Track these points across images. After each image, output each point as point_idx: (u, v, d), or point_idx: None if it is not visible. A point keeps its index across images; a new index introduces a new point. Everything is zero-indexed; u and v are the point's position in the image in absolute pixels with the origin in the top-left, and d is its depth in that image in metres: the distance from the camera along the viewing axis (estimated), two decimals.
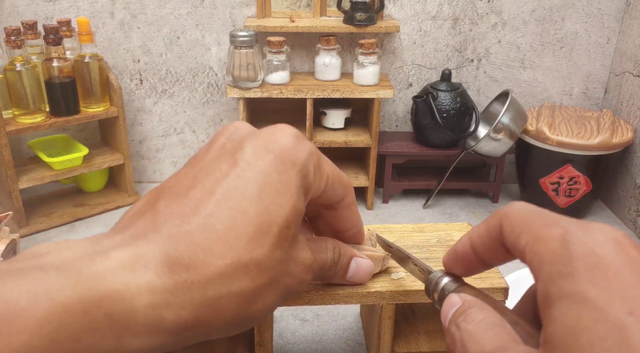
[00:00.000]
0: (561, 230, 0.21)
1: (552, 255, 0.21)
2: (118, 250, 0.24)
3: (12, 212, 1.18)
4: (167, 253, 0.25)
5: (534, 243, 0.22)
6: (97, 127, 1.67)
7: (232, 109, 1.69)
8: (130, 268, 0.24)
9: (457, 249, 0.29)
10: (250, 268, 0.27)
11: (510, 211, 0.25)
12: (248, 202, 0.27)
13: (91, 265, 0.23)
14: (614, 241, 0.20)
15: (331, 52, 1.50)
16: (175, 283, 0.24)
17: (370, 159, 1.54)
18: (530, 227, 0.23)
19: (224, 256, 0.26)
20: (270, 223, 0.27)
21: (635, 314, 0.18)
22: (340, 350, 0.86)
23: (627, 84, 1.57)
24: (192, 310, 0.25)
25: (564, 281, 0.20)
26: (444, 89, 1.52)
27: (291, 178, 0.29)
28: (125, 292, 0.23)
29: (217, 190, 0.27)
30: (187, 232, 0.26)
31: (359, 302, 0.45)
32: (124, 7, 1.55)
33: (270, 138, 0.29)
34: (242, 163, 0.28)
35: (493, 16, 1.59)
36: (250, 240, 0.27)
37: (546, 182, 1.52)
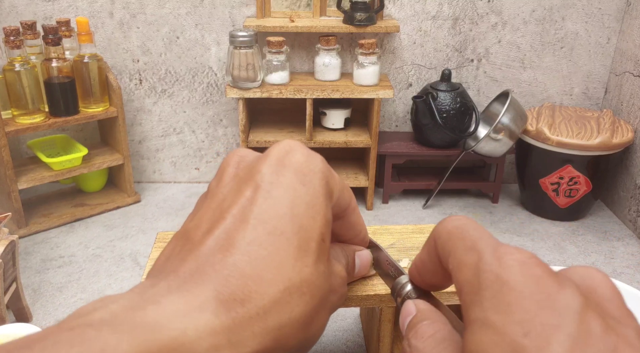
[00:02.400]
0: (475, 256, 0.22)
1: (467, 285, 0.22)
2: (168, 296, 0.24)
3: (12, 212, 1.18)
4: (219, 291, 0.25)
5: (456, 271, 0.23)
6: (96, 127, 1.67)
7: (231, 109, 1.69)
8: (185, 313, 0.23)
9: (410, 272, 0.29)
10: (304, 290, 0.26)
11: (440, 230, 0.25)
12: (283, 222, 0.27)
13: (144, 315, 0.23)
14: (519, 262, 0.20)
15: (331, 52, 1.50)
16: (234, 320, 0.24)
17: (370, 159, 1.54)
18: (454, 251, 0.24)
19: (276, 282, 0.26)
20: (308, 239, 0.27)
21: (530, 335, 0.18)
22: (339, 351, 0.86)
23: (627, 84, 1.56)
24: (255, 345, 0.24)
25: (473, 309, 0.21)
26: (444, 89, 1.52)
27: (317, 188, 0.28)
28: (185, 338, 0.22)
29: (250, 217, 0.27)
30: (233, 264, 0.25)
31: (359, 305, 0.45)
32: (123, 7, 1.55)
33: (283, 155, 0.29)
34: (265, 184, 0.27)
35: (493, 16, 1.59)
36: (296, 262, 0.26)
37: (546, 182, 1.52)
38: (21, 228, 1.42)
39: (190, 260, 0.26)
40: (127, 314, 0.22)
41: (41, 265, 1.32)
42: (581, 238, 1.49)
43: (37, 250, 1.38)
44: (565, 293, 0.19)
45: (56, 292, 1.22)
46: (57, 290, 1.23)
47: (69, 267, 1.31)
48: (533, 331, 0.18)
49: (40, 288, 1.23)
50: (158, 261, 0.28)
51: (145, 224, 1.51)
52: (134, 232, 1.47)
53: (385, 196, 1.63)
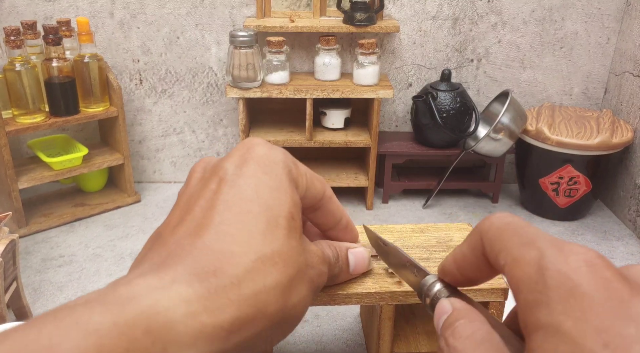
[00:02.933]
0: (536, 253, 0.21)
1: (528, 282, 0.20)
2: (141, 277, 0.24)
3: (12, 212, 1.18)
4: (191, 267, 0.25)
5: (511, 266, 0.22)
6: (96, 127, 1.67)
7: (231, 109, 1.69)
8: (158, 287, 0.24)
9: (444, 267, 0.28)
10: (276, 260, 0.27)
11: (488, 226, 0.24)
12: (249, 203, 0.28)
13: (117, 293, 0.23)
14: (587, 264, 0.19)
15: (331, 52, 1.50)
16: (208, 289, 0.24)
17: (370, 159, 1.54)
18: (508, 246, 0.22)
19: (247, 254, 0.26)
20: (276, 216, 0.28)
21: (610, 347, 0.17)
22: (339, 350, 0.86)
23: (627, 84, 1.57)
24: (233, 310, 0.25)
25: (539, 311, 0.19)
26: (444, 89, 1.52)
27: (279, 175, 0.30)
28: (159, 307, 0.23)
29: (216, 204, 0.28)
30: (203, 244, 0.26)
31: (359, 302, 0.45)
32: (124, 7, 1.55)
33: (244, 151, 0.30)
34: (229, 176, 0.29)
35: (493, 16, 1.59)
36: (264, 236, 0.27)
37: (546, 182, 1.52)
38: (21, 227, 1.42)
39: (162, 250, 0.27)
40: (100, 296, 0.23)
41: (41, 265, 1.32)
42: (581, 238, 1.49)
43: (37, 250, 1.38)
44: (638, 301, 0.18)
45: (56, 291, 1.22)
46: (58, 289, 1.23)
47: (70, 266, 1.31)
48: (612, 342, 0.17)
49: (40, 287, 1.23)
50: (134, 262, 0.29)
51: (145, 224, 1.51)
52: (134, 231, 1.47)
53: (385, 196, 1.63)
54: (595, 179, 1.49)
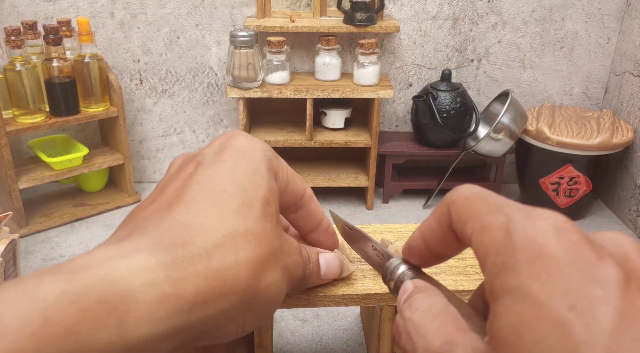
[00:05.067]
0: (504, 218, 0.20)
1: (496, 246, 0.20)
2: (100, 248, 0.23)
3: (12, 212, 1.18)
4: (157, 238, 0.24)
5: (479, 233, 0.21)
6: (97, 127, 1.67)
7: (232, 108, 1.69)
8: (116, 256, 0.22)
9: (410, 243, 0.27)
10: (249, 237, 0.26)
11: (456, 196, 0.23)
12: (223, 183, 0.27)
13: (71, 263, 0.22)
14: (555, 228, 0.19)
15: (331, 52, 1.50)
16: (173, 259, 0.23)
17: (370, 158, 1.54)
18: (476, 214, 0.22)
19: (218, 228, 0.25)
20: (251, 198, 0.27)
21: (576, 308, 0.17)
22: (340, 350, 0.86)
23: (627, 84, 1.57)
24: (198, 282, 0.23)
25: (507, 275, 0.19)
26: (444, 89, 1.52)
27: (257, 161, 0.29)
28: (115, 275, 0.21)
29: (190, 183, 0.27)
30: (173, 218, 0.25)
31: (359, 303, 0.45)
32: (124, 7, 1.55)
33: (224, 140, 0.30)
34: (206, 161, 0.28)
35: (493, 16, 1.59)
36: (238, 213, 0.26)
37: (546, 182, 1.52)
38: (22, 227, 1.42)
39: (129, 226, 0.26)
40: (54, 267, 0.22)
41: (42, 265, 1.32)
42: None
43: (37, 250, 1.38)
44: (606, 264, 0.18)
45: None
46: None
47: None
48: (578, 304, 0.17)
49: None
50: None
51: None
52: None
53: (385, 196, 1.63)
54: (595, 179, 1.49)
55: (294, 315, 0.99)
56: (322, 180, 1.58)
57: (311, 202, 0.35)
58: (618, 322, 0.17)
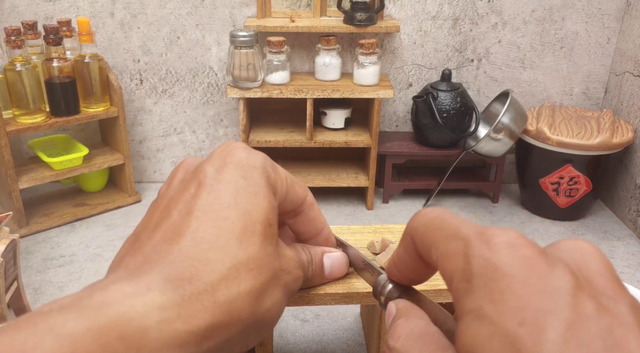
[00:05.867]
0: (462, 243, 0.21)
1: (457, 273, 0.21)
2: (116, 283, 0.25)
3: (12, 212, 1.18)
4: (166, 273, 0.25)
5: (442, 259, 0.22)
6: (97, 127, 1.67)
7: (232, 109, 1.69)
8: (132, 294, 0.24)
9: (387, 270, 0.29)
10: (251, 266, 0.27)
11: (416, 225, 0.24)
12: (226, 210, 0.28)
13: (91, 299, 0.23)
14: (508, 245, 0.20)
15: (331, 52, 1.50)
16: (182, 296, 0.25)
17: (370, 158, 1.54)
18: (436, 241, 0.23)
19: (222, 261, 0.27)
20: (253, 222, 0.28)
21: (525, 324, 0.18)
22: (340, 350, 0.86)
23: (627, 84, 1.57)
24: (207, 317, 0.25)
25: (466, 297, 0.20)
26: (444, 89, 1.52)
27: (257, 179, 0.30)
28: (133, 313, 0.23)
29: (194, 209, 0.28)
30: (179, 250, 0.26)
31: (359, 302, 0.45)
32: (124, 7, 1.55)
33: (225, 154, 0.30)
34: (208, 180, 0.29)
35: (493, 16, 1.59)
36: (241, 242, 0.28)
37: (546, 182, 1.52)
38: (22, 227, 1.42)
39: (138, 254, 0.27)
40: (75, 301, 0.23)
41: (42, 265, 1.32)
42: (581, 238, 1.49)
43: (38, 250, 1.38)
44: (556, 274, 0.18)
45: (57, 291, 1.22)
46: (58, 289, 1.23)
47: (70, 266, 1.32)
48: (527, 319, 0.18)
49: (41, 287, 1.24)
50: (112, 264, 0.29)
51: None
52: None
53: (385, 196, 1.63)
54: (595, 179, 1.49)
55: (294, 315, 0.99)
56: (322, 180, 1.58)
57: (311, 210, 0.36)
58: (566, 331, 0.17)
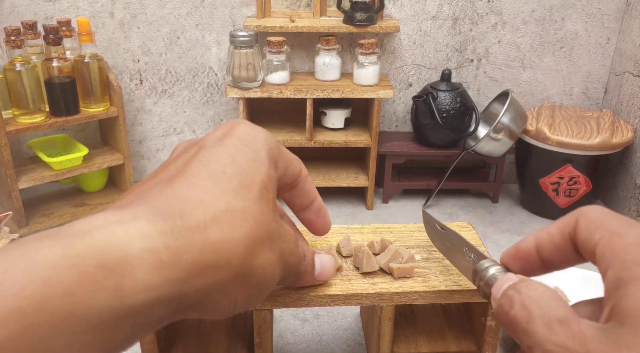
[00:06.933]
0: (639, 230, 0.23)
1: (628, 247, 0.22)
2: (100, 214, 0.24)
3: (12, 212, 1.18)
4: (156, 207, 0.24)
5: (610, 237, 0.24)
6: (97, 127, 1.67)
7: (232, 108, 1.69)
8: (115, 222, 0.23)
9: (520, 246, 0.29)
10: (246, 216, 0.27)
11: (590, 210, 0.26)
12: (224, 165, 0.28)
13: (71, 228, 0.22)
14: None
15: (331, 52, 1.50)
16: (172, 228, 0.24)
17: (370, 158, 1.54)
18: (608, 224, 0.24)
19: (217, 205, 0.26)
20: (250, 181, 0.28)
21: None
22: (340, 350, 0.86)
23: (627, 84, 1.57)
24: (195, 253, 0.24)
25: (638, 268, 0.21)
26: (444, 89, 1.52)
27: (258, 149, 0.30)
28: (113, 241, 0.22)
29: (192, 162, 0.28)
30: (172, 190, 0.26)
31: (359, 303, 0.45)
32: (124, 7, 1.55)
33: (227, 128, 0.30)
34: (208, 145, 0.29)
35: (493, 16, 1.59)
36: (236, 193, 0.27)
37: (546, 182, 1.52)
38: (22, 227, 1.42)
39: (131, 195, 0.27)
40: (53, 231, 0.22)
41: None
42: None
43: None
44: None
45: None
46: None
47: None
48: None
49: None
50: None
51: None
52: None
53: (385, 196, 1.63)
54: (595, 179, 1.49)
55: (294, 315, 0.99)
56: (322, 180, 1.58)
57: (305, 182, 0.36)
58: None
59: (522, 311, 0.24)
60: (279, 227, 0.30)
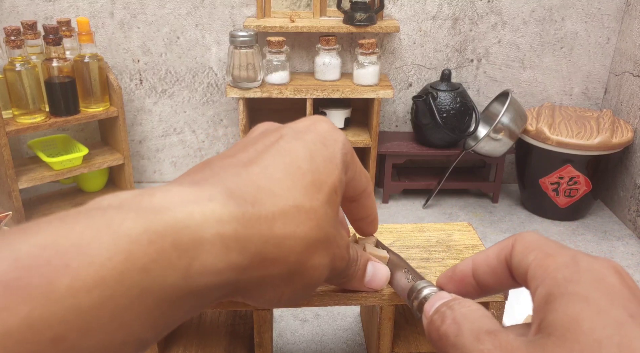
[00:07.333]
0: (571, 252, 0.24)
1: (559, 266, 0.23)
2: (178, 187, 0.24)
3: (12, 212, 1.18)
4: (231, 190, 0.25)
5: (543, 258, 0.24)
6: (97, 127, 1.67)
7: (231, 109, 1.69)
8: (193, 201, 0.23)
9: (457, 269, 0.29)
10: (311, 216, 0.27)
11: (526, 235, 0.26)
12: (300, 160, 0.28)
13: (151, 200, 0.23)
14: (615, 270, 0.22)
15: (331, 52, 1.50)
16: (244, 214, 0.24)
17: (370, 159, 1.54)
18: (542, 247, 0.25)
19: (286, 198, 0.26)
20: (322, 182, 0.28)
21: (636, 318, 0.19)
22: (340, 350, 0.86)
23: (627, 84, 1.57)
24: (259, 244, 0.24)
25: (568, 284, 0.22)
26: (444, 89, 1.52)
27: (336, 152, 0.30)
28: (190, 221, 0.22)
29: (270, 150, 0.28)
30: (247, 174, 0.26)
31: (359, 303, 0.45)
32: (124, 7, 1.55)
33: (309, 123, 0.31)
34: (289, 135, 0.29)
35: (493, 16, 1.59)
36: (307, 191, 0.27)
37: (546, 182, 1.52)
38: None
39: (207, 169, 0.27)
40: (135, 200, 0.22)
41: None
42: (581, 238, 1.49)
43: None
44: None
45: None
46: None
47: None
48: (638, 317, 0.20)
49: None
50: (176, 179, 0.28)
51: None
52: None
53: (385, 196, 1.63)
54: (595, 179, 1.49)
55: (294, 315, 0.99)
56: None
57: (368, 199, 0.37)
58: None
59: (453, 326, 0.24)
60: (337, 232, 0.30)
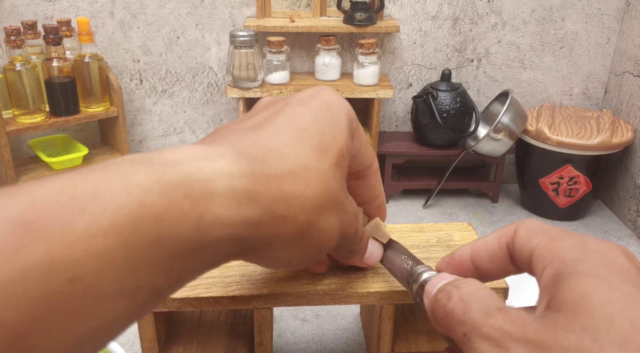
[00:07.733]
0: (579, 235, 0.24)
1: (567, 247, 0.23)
2: (188, 147, 0.24)
3: None
4: (241, 150, 0.25)
5: (548, 241, 0.24)
6: (97, 127, 1.67)
7: (232, 109, 1.69)
8: (204, 157, 0.24)
9: (455, 254, 0.30)
10: (320, 177, 0.27)
11: (529, 221, 0.27)
12: (307, 123, 0.29)
13: (162, 155, 0.23)
14: (623, 252, 0.22)
15: (331, 52, 1.50)
16: (253, 171, 0.24)
17: None
18: (547, 232, 0.25)
19: (295, 159, 0.27)
20: (328, 146, 0.29)
21: None
22: (340, 350, 0.86)
23: (627, 84, 1.57)
24: (269, 201, 0.25)
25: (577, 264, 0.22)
26: (444, 89, 1.52)
27: (341, 117, 0.31)
28: (201, 175, 0.23)
29: (277, 116, 0.29)
30: (256, 137, 0.27)
31: (359, 302, 0.45)
32: (124, 7, 1.55)
33: (314, 92, 0.31)
34: (294, 103, 0.30)
35: (493, 16, 1.59)
36: (315, 153, 0.28)
37: (546, 182, 1.52)
38: None
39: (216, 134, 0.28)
40: (146, 156, 0.23)
41: None
42: None
43: None
44: None
45: None
46: None
47: None
48: None
49: None
50: None
51: None
52: None
53: (385, 196, 1.63)
54: (595, 179, 1.49)
55: (294, 314, 0.99)
56: None
57: (374, 176, 0.37)
58: None
59: (460, 303, 0.24)
60: (346, 197, 0.31)
